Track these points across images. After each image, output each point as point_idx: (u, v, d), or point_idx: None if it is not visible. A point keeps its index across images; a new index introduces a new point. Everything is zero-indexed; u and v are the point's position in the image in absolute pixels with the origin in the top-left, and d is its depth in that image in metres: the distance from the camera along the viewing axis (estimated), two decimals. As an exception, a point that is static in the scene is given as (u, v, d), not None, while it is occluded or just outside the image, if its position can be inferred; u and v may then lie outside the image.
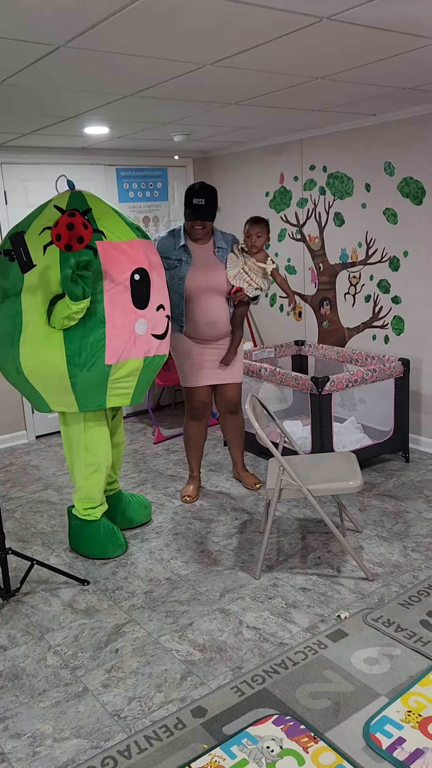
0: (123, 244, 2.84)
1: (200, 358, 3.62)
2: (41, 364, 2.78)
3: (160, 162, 5.42)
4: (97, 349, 2.76)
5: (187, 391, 3.72)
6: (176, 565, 3.11)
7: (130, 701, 2.23)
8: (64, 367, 2.76)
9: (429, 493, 3.73)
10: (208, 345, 3.62)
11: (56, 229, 2.67)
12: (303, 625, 2.59)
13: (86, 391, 2.86)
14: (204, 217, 3.40)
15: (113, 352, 2.80)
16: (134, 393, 3.00)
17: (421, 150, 3.95)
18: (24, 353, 2.78)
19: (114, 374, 2.85)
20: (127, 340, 2.84)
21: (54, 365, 2.77)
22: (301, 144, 4.76)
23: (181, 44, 2.32)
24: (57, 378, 2.80)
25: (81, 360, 2.76)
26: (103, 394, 2.90)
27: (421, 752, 1.94)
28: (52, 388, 2.85)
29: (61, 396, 2.88)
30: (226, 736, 2.04)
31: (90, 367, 2.78)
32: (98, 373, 2.81)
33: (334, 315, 4.81)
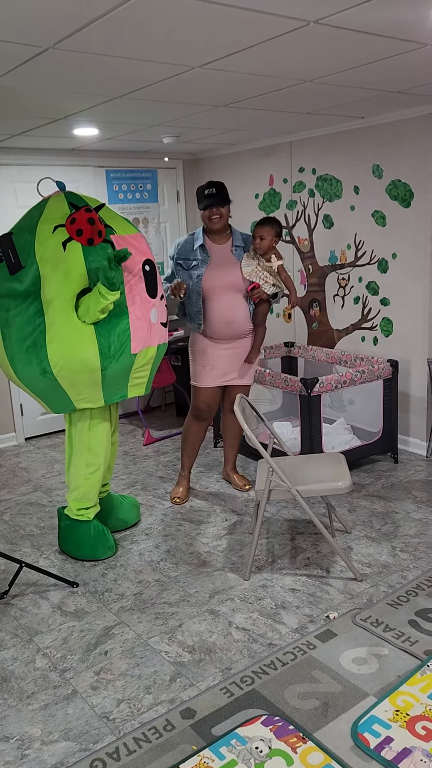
0: (130, 238, 2.95)
1: (214, 358, 3.62)
2: (74, 360, 2.77)
3: (150, 164, 5.42)
4: (123, 339, 2.83)
5: (195, 391, 3.72)
6: (166, 566, 3.11)
7: (119, 703, 2.23)
8: (97, 361, 2.79)
9: (417, 494, 3.75)
10: (224, 345, 3.62)
11: (76, 224, 2.72)
12: (292, 625, 2.60)
13: (113, 383, 2.92)
14: (217, 202, 3.45)
15: (137, 341, 2.89)
16: (148, 382, 3.10)
17: (409, 153, 3.98)
18: (53, 352, 2.75)
19: (136, 363, 2.94)
20: (147, 329, 2.93)
21: (87, 360, 2.78)
22: (291, 146, 4.78)
23: (170, 47, 2.32)
24: (89, 372, 2.81)
25: (111, 351, 2.81)
26: (125, 384, 2.98)
27: (408, 751, 1.95)
28: (82, 383, 2.85)
29: (88, 391, 2.90)
30: (215, 737, 2.04)
31: (119, 357, 2.84)
32: (125, 363, 2.88)
33: (324, 317, 4.83)
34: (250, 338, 3.69)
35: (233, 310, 3.55)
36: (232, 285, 3.54)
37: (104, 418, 3.11)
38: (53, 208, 2.82)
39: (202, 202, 3.50)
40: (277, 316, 5.24)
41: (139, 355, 2.93)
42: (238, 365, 3.68)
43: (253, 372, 3.78)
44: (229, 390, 3.78)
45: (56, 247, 2.73)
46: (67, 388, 2.86)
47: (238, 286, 3.55)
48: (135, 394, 3.07)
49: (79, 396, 2.91)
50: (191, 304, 3.54)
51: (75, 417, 3.10)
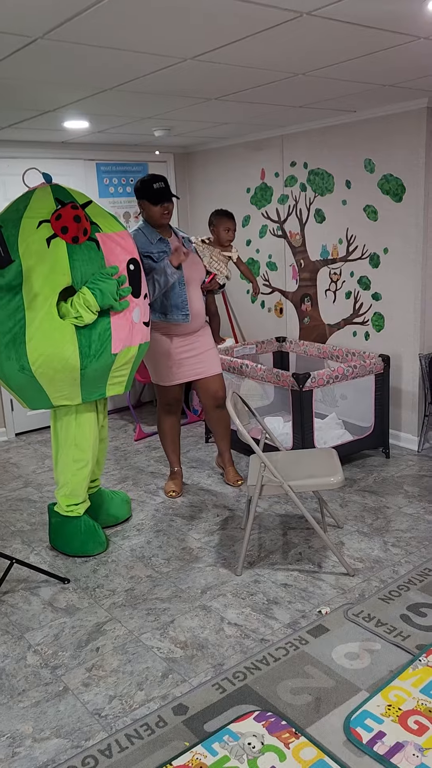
0: (115, 236, 2.91)
1: (178, 356, 3.60)
2: (53, 359, 2.75)
3: (141, 157, 5.38)
4: (104, 339, 2.82)
5: (161, 389, 3.70)
6: (157, 562, 3.10)
7: (111, 700, 2.22)
8: (76, 360, 2.78)
9: (409, 489, 3.76)
10: (186, 340, 3.61)
11: (61, 221, 2.70)
12: (284, 621, 2.59)
13: (92, 382, 2.90)
14: (170, 196, 3.43)
15: (118, 341, 2.88)
16: (127, 381, 3.09)
17: (401, 147, 3.97)
18: (33, 349, 2.73)
19: (116, 363, 2.92)
20: (128, 329, 2.91)
21: (66, 358, 2.76)
22: (282, 140, 4.75)
23: (161, 38, 2.30)
24: (68, 371, 2.80)
25: (92, 351, 2.80)
26: (105, 383, 2.97)
27: (401, 746, 1.95)
28: (60, 381, 2.84)
29: (66, 389, 2.88)
30: (207, 734, 2.03)
31: (99, 357, 2.82)
32: (105, 363, 2.87)
33: (315, 311, 4.82)
34: (205, 329, 3.71)
35: (199, 301, 3.62)
36: (196, 277, 3.59)
37: (91, 412, 3.09)
38: (39, 201, 2.79)
39: (154, 197, 3.39)
40: (268, 311, 5.23)
41: (120, 354, 2.91)
42: (202, 359, 3.66)
43: (218, 360, 3.76)
44: (201, 385, 3.74)
45: (40, 243, 2.71)
46: (45, 386, 2.85)
47: (200, 278, 3.63)
48: (114, 392, 3.05)
49: (57, 393, 2.89)
50: (174, 296, 3.48)
51: (60, 412, 3.08)
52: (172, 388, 3.69)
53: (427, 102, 3.74)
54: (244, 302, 5.45)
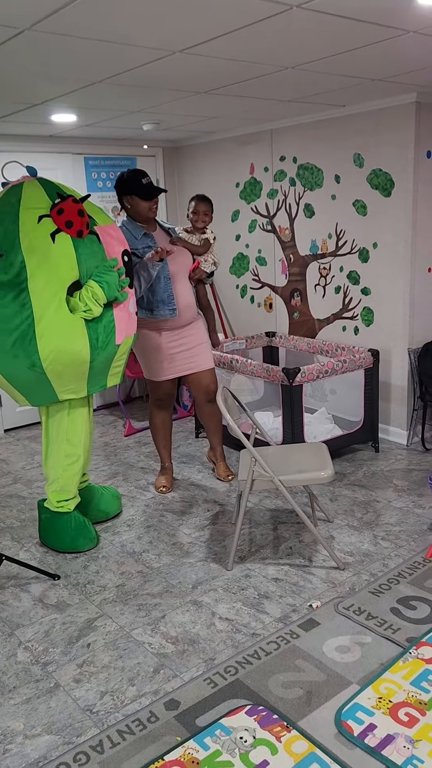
0: (108, 228, 2.93)
1: (170, 351, 3.59)
2: (65, 353, 2.74)
3: (130, 151, 5.35)
4: (109, 330, 2.84)
5: (153, 384, 3.69)
6: (148, 557, 3.09)
7: (103, 696, 2.21)
8: (87, 353, 2.79)
9: (398, 483, 3.77)
10: (177, 333, 3.59)
11: (65, 215, 2.69)
12: (275, 615, 2.60)
13: (97, 374, 2.93)
14: (160, 191, 3.41)
15: (121, 331, 2.91)
16: (122, 371, 3.12)
17: (390, 142, 3.97)
18: (45, 345, 2.70)
19: (118, 353, 2.96)
20: (127, 319, 2.95)
21: (78, 352, 2.77)
22: (271, 134, 4.74)
23: (150, 30, 2.28)
24: (78, 364, 2.80)
25: (99, 343, 2.82)
26: (106, 374, 3.00)
27: (392, 738, 1.96)
28: (69, 375, 2.83)
29: (73, 383, 2.88)
30: (199, 728, 2.04)
31: (105, 348, 2.85)
32: (110, 354, 2.90)
33: (305, 306, 4.82)
34: (196, 323, 3.69)
35: (189, 293, 3.60)
36: (183, 269, 3.57)
37: (82, 407, 3.08)
38: (31, 195, 2.75)
39: (144, 192, 3.36)
40: (258, 306, 5.22)
41: (122, 345, 2.95)
42: (194, 353, 3.65)
43: (210, 355, 3.75)
44: (193, 380, 3.73)
45: (44, 239, 2.67)
46: (53, 381, 2.83)
47: (188, 270, 3.60)
48: (113, 383, 3.09)
49: (64, 387, 2.88)
50: (160, 291, 3.46)
51: (52, 408, 3.06)
52: (165, 383, 3.67)
53: (416, 96, 3.74)
54: (233, 297, 5.44)
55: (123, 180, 3.41)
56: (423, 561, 2.92)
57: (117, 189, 3.45)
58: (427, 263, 4.14)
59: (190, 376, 3.71)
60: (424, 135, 3.89)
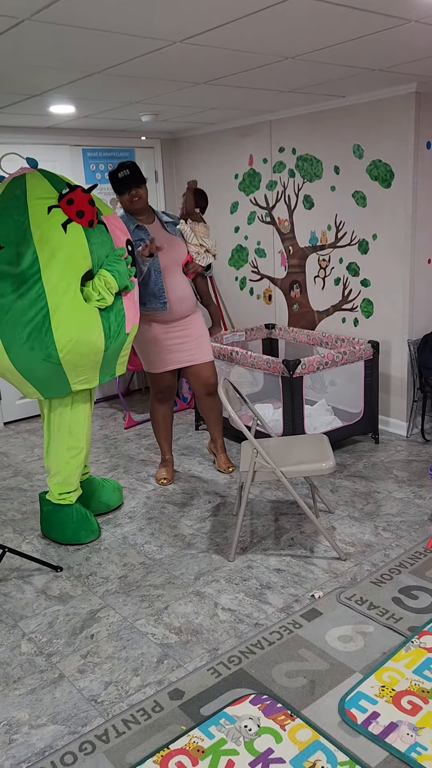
0: (112, 218, 2.94)
1: (167, 342, 3.59)
2: (82, 344, 2.75)
3: (128, 143, 5.33)
4: (120, 319, 2.87)
5: (154, 377, 3.69)
6: (150, 549, 3.10)
7: (107, 686, 2.23)
8: (102, 342, 2.81)
9: (398, 474, 3.79)
10: (175, 326, 3.59)
11: (75, 206, 2.69)
12: (278, 605, 2.61)
13: (108, 363, 2.96)
14: (133, 182, 3.39)
15: (129, 320, 2.95)
16: (126, 360, 3.15)
17: (390, 133, 3.96)
18: (61, 336, 2.70)
19: (127, 342, 2.99)
20: (134, 308, 2.98)
21: (94, 341, 2.78)
22: (270, 126, 4.73)
23: (150, 20, 2.26)
24: (94, 354, 2.82)
25: (112, 332, 2.85)
26: (115, 364, 3.03)
27: (395, 725, 1.98)
28: (84, 365, 2.84)
29: (87, 373, 2.90)
30: (203, 717, 2.05)
31: (116, 337, 2.88)
32: (120, 343, 2.94)
33: (304, 298, 4.82)
34: (195, 315, 3.68)
35: (183, 286, 3.58)
36: (177, 261, 3.55)
37: (86, 400, 3.09)
38: (37, 186, 2.73)
39: (117, 186, 3.40)
40: (257, 298, 5.22)
41: (130, 334, 2.99)
42: (192, 346, 3.65)
43: (209, 348, 3.75)
44: (193, 372, 3.73)
45: (56, 229, 2.66)
46: (68, 372, 2.83)
47: (179, 263, 3.59)
48: (120, 372, 3.12)
49: (78, 378, 2.89)
50: (151, 284, 3.46)
51: (55, 401, 3.06)
52: (165, 376, 3.67)
53: (416, 87, 3.73)
54: (232, 289, 5.43)
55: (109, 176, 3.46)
56: (424, 551, 2.93)
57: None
58: (427, 255, 4.14)
59: (189, 369, 3.71)
60: (424, 125, 3.88)
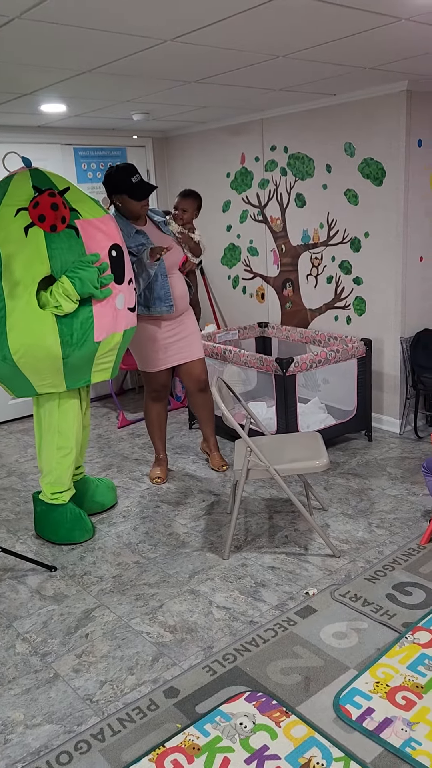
0: (97, 221, 2.87)
1: (164, 341, 3.59)
2: (35, 349, 2.73)
3: (119, 142, 5.32)
4: (87, 327, 2.80)
5: (149, 376, 3.69)
6: (144, 548, 3.10)
7: (102, 685, 2.23)
8: (58, 349, 2.76)
9: (392, 471, 3.80)
10: (171, 325, 3.59)
11: (38, 209, 2.66)
12: (272, 603, 2.62)
13: (76, 370, 2.89)
14: (151, 189, 3.37)
15: (101, 328, 2.86)
16: (114, 366, 3.09)
17: (381, 131, 3.97)
18: (14, 340, 2.70)
19: (100, 350, 2.90)
20: (112, 316, 2.89)
21: (48, 348, 2.74)
22: (262, 124, 4.73)
23: (141, 18, 2.26)
24: (51, 360, 2.78)
25: (74, 340, 2.78)
26: (89, 370, 2.96)
27: (389, 721, 1.99)
28: (43, 370, 2.82)
29: (50, 377, 2.86)
30: (199, 715, 2.05)
31: (81, 346, 2.80)
32: (89, 351, 2.85)
33: (297, 296, 4.83)
34: (188, 312, 3.70)
35: (182, 284, 3.60)
36: (175, 261, 3.57)
37: (73, 399, 3.07)
38: (17, 188, 2.74)
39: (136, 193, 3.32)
40: (250, 296, 5.22)
41: (104, 342, 2.89)
42: (187, 343, 3.66)
43: (201, 345, 3.76)
44: (185, 370, 3.73)
45: (18, 232, 2.67)
46: (28, 375, 2.83)
47: (177, 262, 3.60)
48: (100, 379, 3.04)
49: (41, 381, 2.88)
50: (157, 288, 3.46)
51: (42, 399, 3.06)
52: (160, 374, 3.67)
53: (407, 85, 3.74)
54: (225, 288, 5.43)
55: (112, 178, 3.35)
56: (417, 547, 2.94)
57: (106, 186, 3.39)
58: (419, 252, 4.15)
59: (181, 367, 3.72)
60: (415, 124, 3.89)
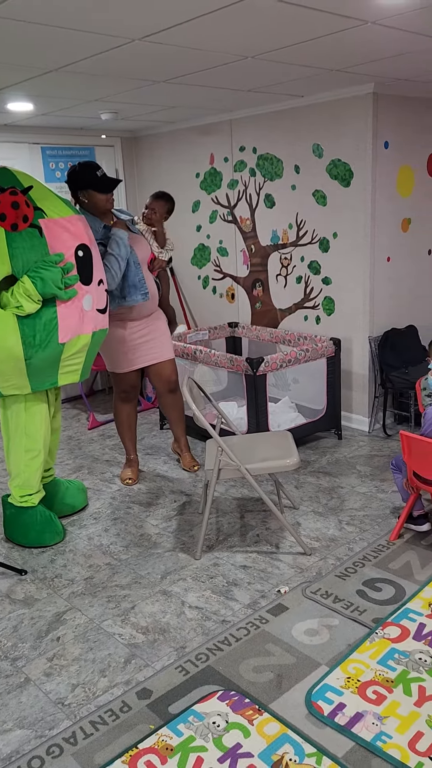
0: (63, 221, 2.82)
1: (133, 342, 3.57)
2: None
3: (88, 141, 5.28)
4: (50, 328, 2.76)
5: (118, 377, 3.67)
6: (116, 549, 3.09)
7: (74, 688, 2.21)
8: (20, 350, 2.72)
9: (361, 468, 3.85)
10: (139, 325, 3.57)
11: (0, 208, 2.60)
12: (244, 601, 2.63)
13: (40, 372, 2.84)
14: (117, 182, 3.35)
15: (66, 330, 2.81)
16: (83, 369, 3.03)
17: (348, 132, 4.01)
18: None
19: (66, 352, 2.86)
20: (77, 317, 2.85)
21: (9, 348, 2.70)
22: (231, 125, 4.74)
23: (108, 17, 2.25)
24: (13, 361, 2.74)
25: (36, 341, 2.73)
26: (56, 372, 2.91)
27: (361, 715, 2.01)
28: (6, 371, 2.78)
29: (14, 379, 2.82)
30: (172, 716, 2.05)
31: (45, 347, 2.76)
32: (52, 353, 2.81)
33: (267, 296, 4.85)
34: (158, 313, 3.69)
35: (152, 283, 3.58)
36: (144, 257, 3.55)
37: (41, 401, 3.04)
38: None
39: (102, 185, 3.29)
40: (220, 296, 5.23)
41: (69, 344, 2.85)
42: (156, 343, 3.64)
43: (171, 346, 3.75)
44: (155, 370, 3.72)
45: None
46: None
47: (146, 258, 3.58)
48: (68, 381, 2.99)
49: (5, 383, 2.84)
50: (131, 275, 3.41)
51: (9, 401, 3.02)
52: (129, 375, 3.65)
53: (374, 87, 3.79)
54: (195, 288, 5.44)
55: (76, 174, 3.32)
56: (387, 544, 2.98)
57: (70, 184, 3.34)
58: (386, 253, 4.21)
59: (151, 367, 3.70)
60: (382, 126, 3.94)
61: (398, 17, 2.42)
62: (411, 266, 4.40)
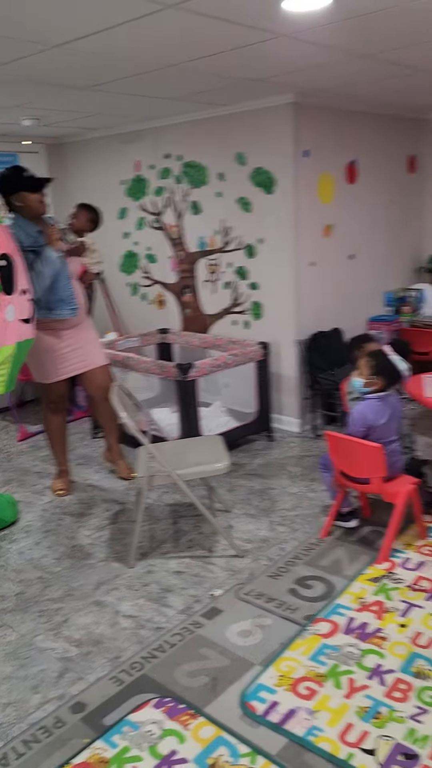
0: None
1: (62, 351, 3.52)
2: None
3: (11, 147, 5.18)
4: None
5: (47, 387, 3.61)
6: (48, 562, 3.03)
7: (5, 708, 2.16)
8: None
9: (292, 469, 3.92)
10: (68, 333, 3.52)
11: None
12: (178, 607, 2.63)
13: None
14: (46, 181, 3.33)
15: None
16: (8, 380, 2.97)
17: (270, 141, 4.10)
18: None
19: None
20: (0, 328, 2.78)
21: None
22: (156, 132, 4.75)
23: (22, 23, 2.23)
24: None
25: None
26: None
27: (293, 712, 2.05)
28: None
29: None
30: (106, 727, 2.03)
31: None
32: None
33: (196, 302, 4.88)
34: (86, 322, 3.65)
35: (81, 294, 3.56)
36: (74, 270, 3.52)
37: None
38: None
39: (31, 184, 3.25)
40: (150, 303, 5.23)
41: None
42: (84, 351, 3.59)
43: (102, 352, 3.72)
44: (87, 378, 3.68)
45: None
46: None
47: (76, 271, 3.56)
48: None
49: None
50: (61, 289, 3.36)
51: None
52: (58, 385, 3.59)
53: (293, 97, 3.88)
54: (124, 295, 5.41)
55: (5, 179, 3.27)
56: (317, 542, 3.06)
57: (1, 190, 3.28)
58: (310, 258, 4.31)
59: (83, 375, 3.66)
60: (302, 134, 4.04)
61: (309, 31, 2.50)
62: (334, 271, 4.53)
